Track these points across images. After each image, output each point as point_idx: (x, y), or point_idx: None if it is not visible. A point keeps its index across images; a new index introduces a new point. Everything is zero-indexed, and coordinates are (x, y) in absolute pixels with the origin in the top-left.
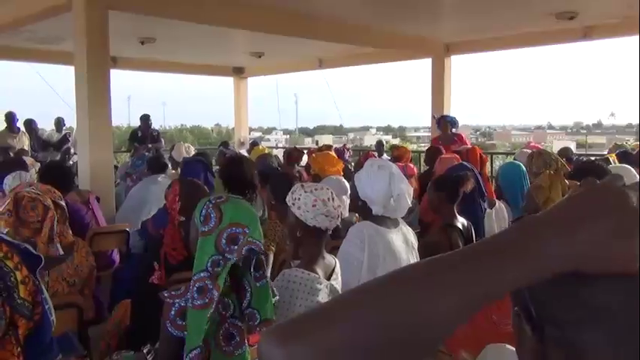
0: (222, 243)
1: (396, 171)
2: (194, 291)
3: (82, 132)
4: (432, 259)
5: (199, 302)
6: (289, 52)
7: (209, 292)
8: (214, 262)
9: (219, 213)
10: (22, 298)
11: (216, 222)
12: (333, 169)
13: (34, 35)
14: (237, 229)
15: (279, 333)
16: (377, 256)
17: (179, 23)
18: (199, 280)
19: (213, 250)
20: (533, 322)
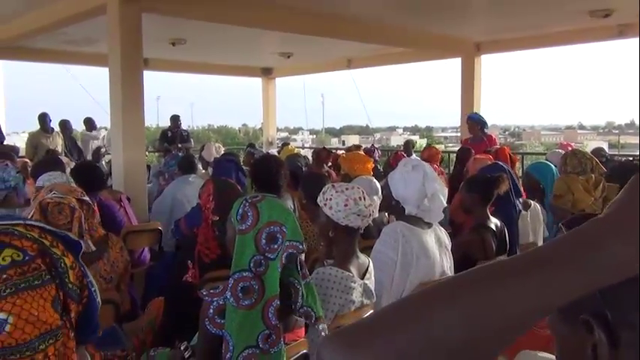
0: (262, 242)
1: (430, 171)
2: (239, 291)
3: (115, 132)
4: (494, 264)
5: (246, 302)
6: (318, 53)
7: (255, 292)
8: (256, 262)
9: (255, 211)
10: (72, 283)
11: (253, 220)
12: (363, 169)
13: (67, 37)
14: (275, 228)
15: (344, 340)
16: (410, 256)
17: (209, 25)
18: (243, 280)
19: (253, 249)
20: (609, 328)
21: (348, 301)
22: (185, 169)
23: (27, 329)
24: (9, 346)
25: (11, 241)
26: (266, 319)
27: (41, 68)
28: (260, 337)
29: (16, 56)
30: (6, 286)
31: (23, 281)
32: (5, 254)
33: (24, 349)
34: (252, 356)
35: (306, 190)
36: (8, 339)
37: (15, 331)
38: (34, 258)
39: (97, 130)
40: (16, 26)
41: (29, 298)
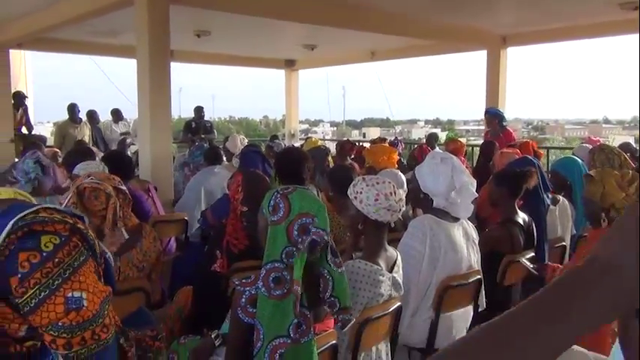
0: (294, 234)
1: (458, 164)
2: (270, 281)
3: (143, 123)
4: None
5: (278, 292)
6: (342, 45)
7: (286, 282)
8: (288, 253)
9: (287, 203)
10: (99, 253)
11: (285, 212)
12: (387, 161)
13: (93, 29)
14: (307, 220)
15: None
16: (438, 250)
17: (234, 16)
18: (275, 270)
19: (285, 240)
20: None
21: (377, 294)
22: (211, 160)
23: (95, 300)
24: (89, 318)
25: (44, 228)
26: (296, 310)
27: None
28: (291, 326)
29: (42, 47)
30: (63, 268)
31: (73, 260)
32: (44, 241)
33: (98, 318)
34: (283, 345)
35: (333, 182)
36: (87, 312)
37: (90, 304)
38: (69, 237)
39: (123, 121)
40: (43, 18)
41: (86, 273)
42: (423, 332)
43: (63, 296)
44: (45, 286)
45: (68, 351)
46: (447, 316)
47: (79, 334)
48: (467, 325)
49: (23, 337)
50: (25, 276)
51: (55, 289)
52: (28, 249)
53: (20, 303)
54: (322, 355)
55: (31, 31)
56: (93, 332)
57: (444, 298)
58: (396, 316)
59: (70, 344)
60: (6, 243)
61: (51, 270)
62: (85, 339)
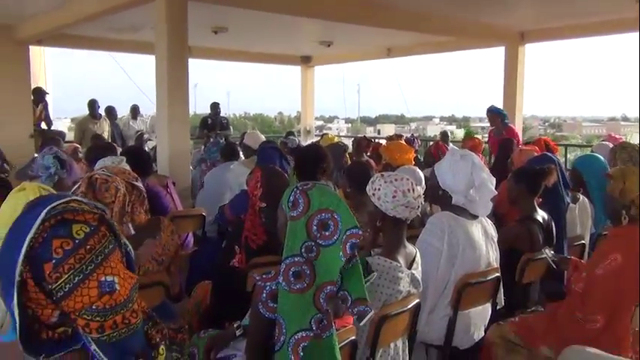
0: (313, 229)
1: (478, 161)
2: (290, 275)
3: (161, 119)
4: None
5: (298, 286)
6: (358, 41)
7: (306, 276)
8: (307, 247)
9: (306, 199)
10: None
11: (304, 207)
12: (404, 158)
13: (112, 25)
14: (326, 215)
15: None
16: (456, 247)
17: (251, 13)
18: (295, 265)
19: (305, 235)
20: None
21: (396, 290)
22: (227, 156)
23: (126, 285)
24: (120, 302)
25: (75, 217)
26: (317, 303)
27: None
28: (313, 320)
29: (61, 43)
30: (95, 255)
31: (103, 247)
32: (76, 229)
33: (128, 302)
34: (305, 339)
35: (351, 178)
36: (119, 296)
37: (122, 288)
38: (98, 227)
39: (140, 117)
40: (64, 14)
41: (115, 259)
42: (440, 329)
43: (96, 280)
44: (79, 271)
45: (100, 335)
46: (465, 313)
47: (111, 318)
48: (485, 322)
49: (55, 323)
50: (59, 262)
51: (88, 274)
52: (61, 236)
53: (54, 288)
54: (342, 351)
55: (51, 27)
56: (123, 317)
57: (462, 295)
58: (414, 312)
59: (103, 328)
60: (40, 230)
61: (83, 256)
62: (116, 323)
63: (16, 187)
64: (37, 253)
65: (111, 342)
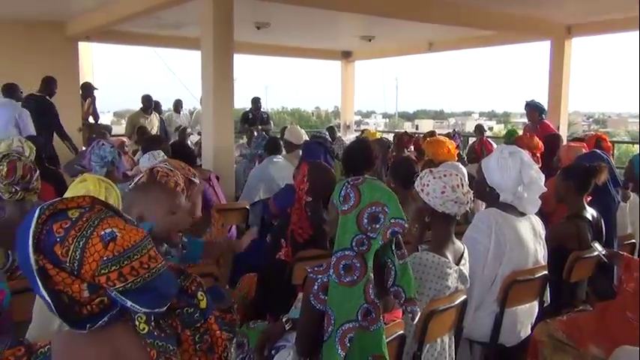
0: (363, 222)
1: (527, 158)
2: (341, 268)
3: (206, 114)
4: None
5: (348, 279)
6: (399, 36)
7: (357, 269)
8: (358, 241)
9: (357, 193)
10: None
11: (355, 201)
12: (447, 154)
13: (159, 21)
14: (377, 208)
15: None
16: (504, 244)
17: (294, 8)
18: (345, 258)
19: (355, 228)
20: None
21: (444, 286)
22: (271, 150)
23: (132, 234)
24: (128, 247)
25: (68, 205)
26: (367, 296)
27: (123, 50)
28: (359, 311)
29: (109, 39)
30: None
31: (100, 215)
32: (71, 212)
33: (140, 249)
34: (352, 330)
35: (396, 174)
36: (124, 242)
37: (125, 235)
38: (93, 206)
39: (183, 110)
40: (112, 11)
41: (115, 219)
42: (486, 326)
43: (98, 236)
44: (81, 236)
45: (124, 283)
46: (512, 311)
47: (127, 264)
48: (532, 320)
49: (90, 297)
50: (62, 238)
51: (89, 235)
52: (59, 220)
53: (69, 262)
54: (390, 345)
55: (99, 24)
56: (140, 262)
57: (509, 292)
58: (461, 309)
59: (123, 275)
60: (39, 223)
61: (82, 225)
62: (135, 268)
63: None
64: (44, 242)
65: (137, 288)
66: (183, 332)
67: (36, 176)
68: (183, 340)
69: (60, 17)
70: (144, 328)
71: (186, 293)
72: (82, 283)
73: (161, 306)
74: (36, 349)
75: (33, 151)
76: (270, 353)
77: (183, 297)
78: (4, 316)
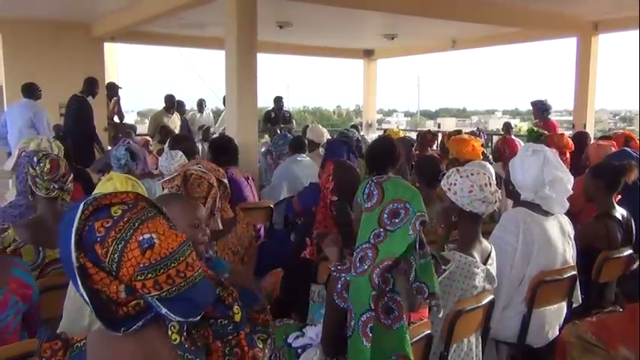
0: (384, 217)
1: (552, 156)
2: (357, 260)
3: (231, 113)
4: None
5: (360, 270)
6: (422, 34)
7: (368, 259)
8: (376, 234)
9: (381, 190)
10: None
11: (378, 199)
12: (471, 152)
13: (183, 21)
14: (399, 205)
15: None
16: (532, 244)
17: (316, 7)
18: (362, 251)
19: (375, 224)
20: None
21: (471, 286)
22: (295, 148)
23: (170, 240)
24: (166, 255)
25: (111, 200)
26: (372, 282)
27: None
28: (370, 300)
29: (133, 40)
30: (132, 222)
31: (141, 215)
32: (114, 209)
33: (177, 256)
34: (370, 320)
35: (420, 173)
36: (161, 249)
37: (164, 242)
38: (136, 203)
39: (206, 109)
40: (137, 12)
41: (156, 222)
42: (514, 327)
43: (136, 241)
44: (120, 239)
45: (160, 291)
46: (540, 311)
47: (163, 272)
48: (560, 321)
49: (126, 298)
50: (102, 238)
51: (128, 239)
52: (101, 218)
53: (108, 263)
54: (417, 345)
55: (124, 24)
56: (177, 270)
57: (537, 293)
58: (488, 309)
59: (159, 283)
60: (82, 219)
61: (122, 227)
62: (171, 276)
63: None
64: (86, 240)
65: (171, 297)
66: (214, 343)
67: (71, 178)
68: (213, 350)
69: (86, 18)
70: (175, 339)
71: (223, 304)
72: (120, 284)
73: (195, 315)
74: (72, 343)
75: (61, 151)
76: (297, 352)
77: (219, 307)
78: (33, 311)
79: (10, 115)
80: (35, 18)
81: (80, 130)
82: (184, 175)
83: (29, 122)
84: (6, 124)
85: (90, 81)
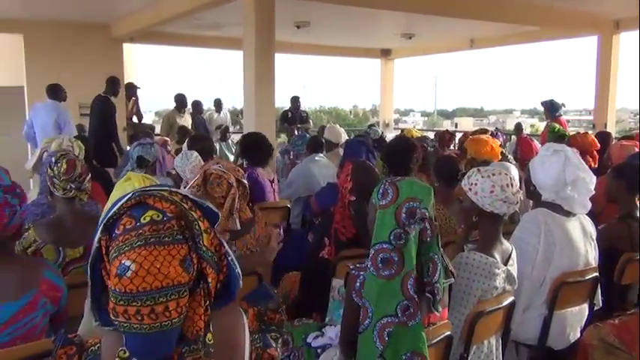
0: (402, 217)
1: (573, 156)
2: (378, 261)
3: (248, 113)
4: None
5: (386, 273)
6: (440, 33)
7: (394, 263)
8: (396, 235)
9: (395, 189)
10: (207, 247)
11: (393, 196)
12: (490, 153)
13: (201, 22)
14: (415, 204)
15: None
16: (553, 245)
17: (334, 7)
18: (383, 251)
19: (393, 223)
20: None
21: (491, 287)
22: (313, 148)
23: (147, 279)
24: (130, 292)
25: (154, 204)
26: (405, 291)
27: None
28: (399, 307)
29: (152, 40)
30: (138, 239)
31: (153, 236)
32: (147, 214)
33: (144, 298)
34: (390, 324)
35: (439, 173)
36: (130, 285)
37: (136, 278)
38: (171, 219)
39: (223, 109)
40: (156, 13)
41: (155, 252)
42: (534, 329)
43: (119, 262)
44: (117, 249)
45: (127, 320)
46: (561, 313)
47: (135, 306)
48: (581, 324)
49: None
50: (115, 236)
51: (117, 256)
52: (132, 216)
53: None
54: (437, 346)
55: (143, 25)
56: (152, 309)
57: (558, 294)
58: (509, 310)
59: (127, 313)
60: (121, 207)
61: (128, 238)
62: (140, 313)
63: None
64: (111, 227)
65: (134, 332)
66: None
67: (88, 178)
68: None
69: (105, 19)
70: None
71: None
72: None
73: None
74: (87, 347)
75: (82, 151)
76: (317, 352)
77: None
78: (62, 312)
79: (36, 115)
80: (56, 19)
81: (104, 130)
82: (204, 174)
83: (54, 123)
84: (32, 125)
85: (112, 80)
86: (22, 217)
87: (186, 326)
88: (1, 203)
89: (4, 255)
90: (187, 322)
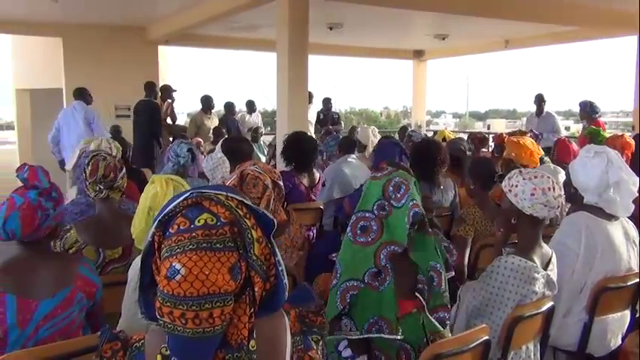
0: (389, 189)
1: (615, 158)
2: (357, 228)
3: (282, 114)
4: None
5: (362, 240)
6: (474, 34)
7: (372, 232)
8: (380, 205)
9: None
10: (257, 256)
11: (388, 172)
12: (529, 157)
13: (235, 24)
14: (402, 180)
15: None
16: (594, 249)
17: (367, 8)
18: (363, 219)
19: (380, 193)
20: None
21: (530, 291)
22: (345, 149)
23: (195, 284)
24: (177, 295)
25: (210, 207)
26: (377, 259)
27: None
28: (367, 273)
29: (186, 43)
30: (190, 242)
31: (205, 241)
32: (202, 217)
33: (190, 302)
34: (355, 288)
35: (475, 175)
36: (177, 288)
37: (184, 282)
38: (224, 225)
39: (255, 112)
40: (191, 16)
41: (205, 258)
42: (574, 335)
43: (169, 264)
44: (169, 249)
45: (171, 322)
46: (602, 319)
47: (181, 309)
48: (623, 330)
49: None
50: (169, 235)
51: (168, 257)
52: (187, 217)
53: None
54: (474, 351)
55: (178, 28)
56: (196, 314)
57: (599, 300)
58: (548, 315)
59: (172, 314)
60: (177, 206)
61: (182, 239)
62: (185, 317)
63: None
64: (165, 225)
65: (177, 334)
66: None
67: (121, 175)
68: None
69: (141, 22)
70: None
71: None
72: None
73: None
74: (131, 343)
75: (119, 151)
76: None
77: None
78: (96, 308)
79: (65, 118)
80: (94, 22)
81: (155, 133)
82: (241, 175)
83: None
84: (60, 129)
85: (151, 85)
86: (57, 219)
87: (230, 333)
88: (35, 206)
89: (40, 253)
90: (231, 328)
